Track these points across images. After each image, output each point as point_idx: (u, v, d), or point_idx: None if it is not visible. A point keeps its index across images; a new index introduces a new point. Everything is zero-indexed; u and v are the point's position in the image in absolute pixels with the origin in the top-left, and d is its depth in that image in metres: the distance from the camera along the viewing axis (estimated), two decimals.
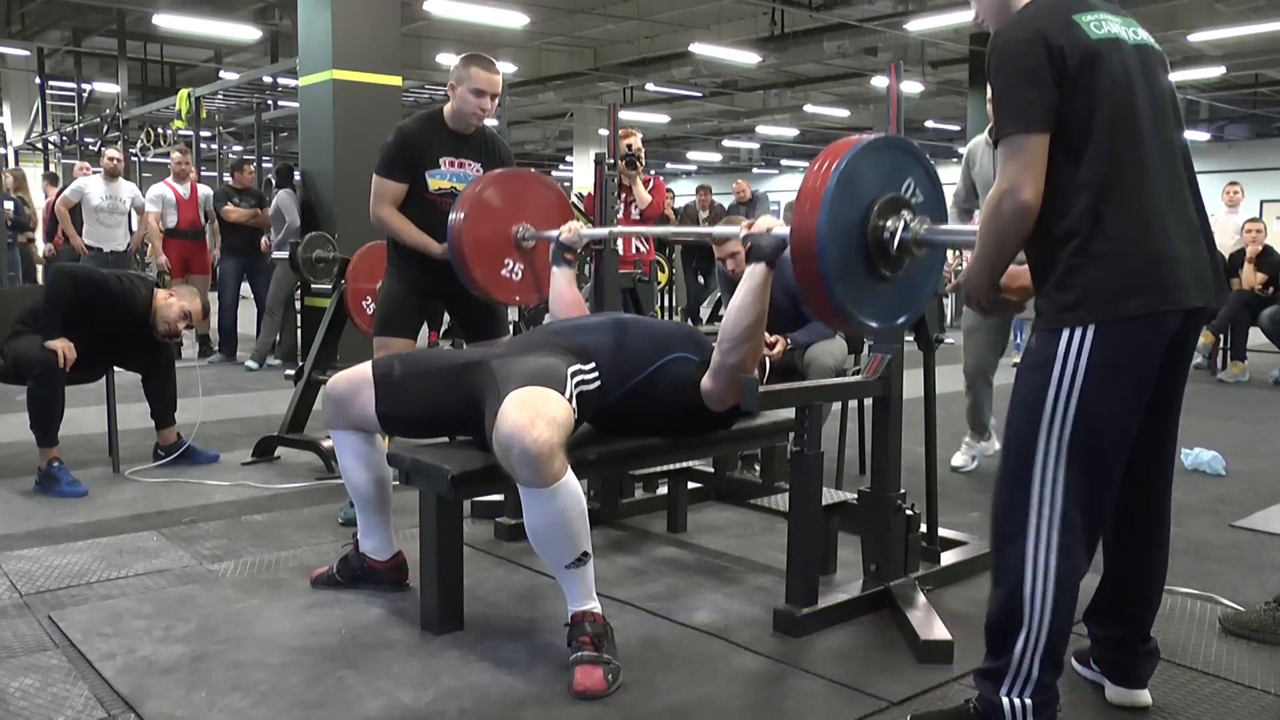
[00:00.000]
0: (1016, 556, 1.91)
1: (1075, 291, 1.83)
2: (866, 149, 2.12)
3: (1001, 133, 1.86)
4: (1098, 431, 1.87)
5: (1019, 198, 1.82)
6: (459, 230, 3.21)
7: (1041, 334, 1.89)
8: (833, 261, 2.05)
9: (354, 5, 6.54)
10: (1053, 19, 1.87)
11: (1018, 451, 1.92)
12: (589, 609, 2.28)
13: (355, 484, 2.71)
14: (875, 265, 2.14)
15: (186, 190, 7.76)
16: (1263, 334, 7.06)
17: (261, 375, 7.18)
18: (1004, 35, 1.89)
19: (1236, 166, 19.49)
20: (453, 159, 3.49)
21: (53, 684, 2.22)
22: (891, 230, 2.11)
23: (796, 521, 2.56)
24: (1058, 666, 1.93)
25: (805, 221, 2.06)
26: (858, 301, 2.14)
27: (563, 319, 2.93)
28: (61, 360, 3.82)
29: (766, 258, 2.38)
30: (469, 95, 3.39)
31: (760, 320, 2.42)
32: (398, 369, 2.61)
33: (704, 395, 2.54)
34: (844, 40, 12.19)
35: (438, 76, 13.36)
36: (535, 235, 3.31)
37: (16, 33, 14.75)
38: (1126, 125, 1.86)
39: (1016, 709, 1.91)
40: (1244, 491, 4.03)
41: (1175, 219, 1.88)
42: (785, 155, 28.35)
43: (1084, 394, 1.84)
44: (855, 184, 2.09)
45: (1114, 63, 1.87)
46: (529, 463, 2.16)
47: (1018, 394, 1.93)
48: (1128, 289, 1.82)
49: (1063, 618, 1.90)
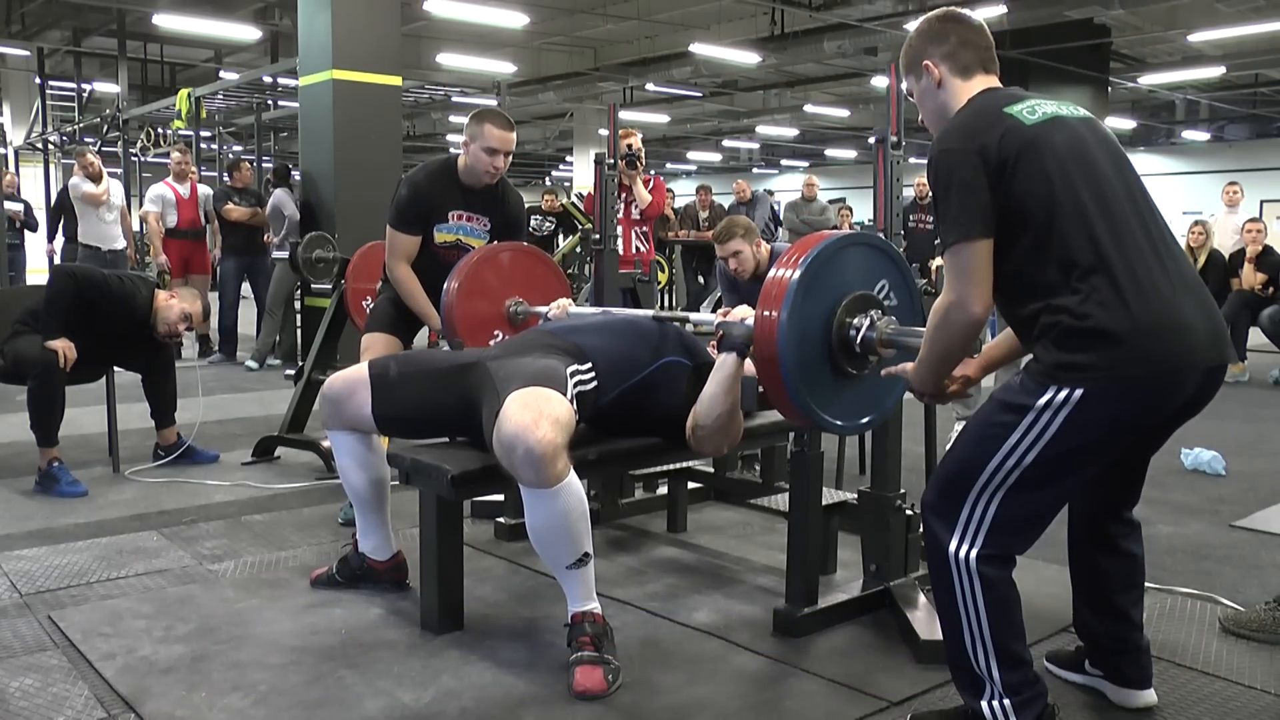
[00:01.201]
0: (941, 564, 1.92)
1: (1075, 355, 1.79)
2: (837, 245, 2.11)
3: (945, 242, 1.85)
4: (1046, 483, 1.86)
5: (969, 310, 1.83)
6: (451, 301, 3.19)
7: (1029, 381, 1.85)
8: (792, 358, 2.05)
9: (354, 5, 6.54)
10: (984, 119, 1.89)
11: (959, 468, 1.92)
12: (589, 609, 2.28)
13: (353, 484, 2.71)
14: (839, 363, 2.14)
15: (186, 190, 7.75)
16: (1263, 334, 7.06)
17: (261, 375, 7.18)
18: (939, 145, 1.90)
19: (1236, 166, 19.52)
20: (462, 212, 3.46)
21: (53, 684, 2.22)
22: (856, 328, 2.11)
23: (796, 521, 2.56)
24: (1019, 663, 1.91)
25: (767, 319, 2.05)
26: (820, 400, 2.14)
27: (557, 322, 2.92)
28: (62, 360, 3.82)
29: (737, 348, 2.35)
30: (482, 154, 3.34)
31: (734, 408, 2.39)
32: (394, 369, 2.61)
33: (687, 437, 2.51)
34: (844, 40, 12.18)
35: (438, 76, 13.40)
36: (527, 311, 3.28)
37: (16, 33, 14.75)
38: (1093, 196, 1.84)
39: (997, 712, 1.91)
40: (1244, 491, 4.03)
41: (1176, 283, 1.83)
42: (785, 155, 28.35)
43: (1047, 448, 1.82)
44: (823, 280, 2.08)
45: (1057, 140, 1.86)
46: (533, 463, 2.16)
47: (983, 419, 1.91)
48: (1132, 360, 1.77)
49: (1002, 617, 1.89)
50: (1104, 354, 1.77)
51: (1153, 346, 1.78)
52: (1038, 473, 1.84)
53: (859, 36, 12.06)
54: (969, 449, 1.92)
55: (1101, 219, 1.82)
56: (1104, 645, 2.16)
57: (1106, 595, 2.13)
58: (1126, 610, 2.13)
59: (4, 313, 4.14)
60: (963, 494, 1.90)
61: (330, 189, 6.61)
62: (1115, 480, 2.09)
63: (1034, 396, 1.82)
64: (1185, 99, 18.50)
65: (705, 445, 2.47)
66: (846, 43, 12.23)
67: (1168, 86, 16.31)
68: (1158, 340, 1.78)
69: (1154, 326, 1.78)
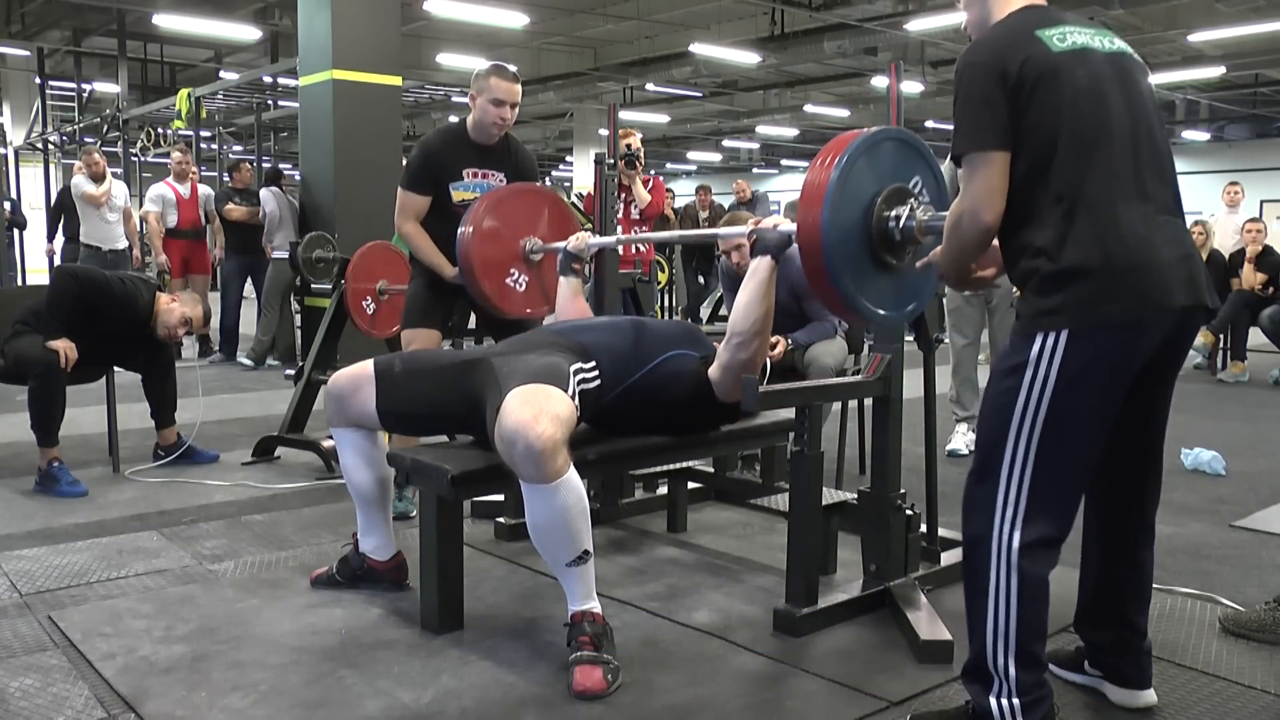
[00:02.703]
0: (981, 557, 1.93)
1: (1051, 299, 1.85)
2: (869, 143, 2.15)
3: (959, 151, 1.89)
4: (1065, 437, 1.88)
5: (981, 220, 1.87)
6: (467, 245, 3.24)
7: (1016, 339, 1.91)
8: (837, 253, 2.08)
9: (354, 5, 6.55)
10: (1012, 39, 1.90)
11: (987, 451, 1.94)
12: (589, 609, 2.28)
13: (356, 482, 2.71)
14: (880, 255, 2.17)
15: (187, 190, 7.76)
16: (1263, 334, 7.06)
17: (261, 375, 7.18)
18: (966, 56, 1.93)
19: (1236, 166, 19.51)
20: (476, 170, 3.52)
21: (53, 684, 2.22)
22: (896, 219, 2.15)
23: (797, 521, 2.56)
24: (1035, 665, 1.93)
25: (810, 215, 2.09)
26: (865, 291, 2.18)
27: (562, 321, 2.94)
28: (63, 360, 3.83)
29: (771, 251, 2.42)
30: (489, 106, 3.41)
31: (768, 314, 2.44)
32: (398, 366, 2.62)
33: (714, 385, 2.55)
34: (844, 40, 12.18)
35: (438, 76, 13.39)
36: (543, 248, 3.35)
37: (16, 33, 14.74)
38: (1096, 133, 1.86)
39: (1005, 710, 1.91)
40: (1244, 491, 4.03)
41: (1155, 223, 1.88)
42: (785, 155, 28.34)
43: (1054, 399, 1.85)
44: (859, 177, 2.12)
45: (1078, 73, 1.88)
46: (532, 459, 2.16)
47: (990, 395, 1.96)
48: (1103, 296, 1.82)
49: (1031, 616, 1.91)
50: (1077, 293, 1.82)
51: (1123, 285, 1.82)
52: (1056, 427, 1.86)
53: (859, 36, 12.06)
54: (988, 428, 1.95)
55: (1095, 157, 1.85)
56: (1106, 647, 2.16)
57: (1115, 603, 2.13)
58: (1133, 619, 2.13)
59: (4, 313, 4.14)
60: (995, 474, 1.91)
61: (330, 189, 6.61)
62: (1135, 466, 2.09)
63: (1025, 351, 1.87)
64: (1185, 99, 18.48)
65: (740, 353, 2.45)
66: (846, 43, 12.23)
67: (1168, 86, 16.29)
68: (1129, 278, 1.82)
69: (1125, 265, 1.82)
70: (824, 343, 3.93)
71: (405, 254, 4.90)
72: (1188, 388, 6.90)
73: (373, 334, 4.70)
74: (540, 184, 3.69)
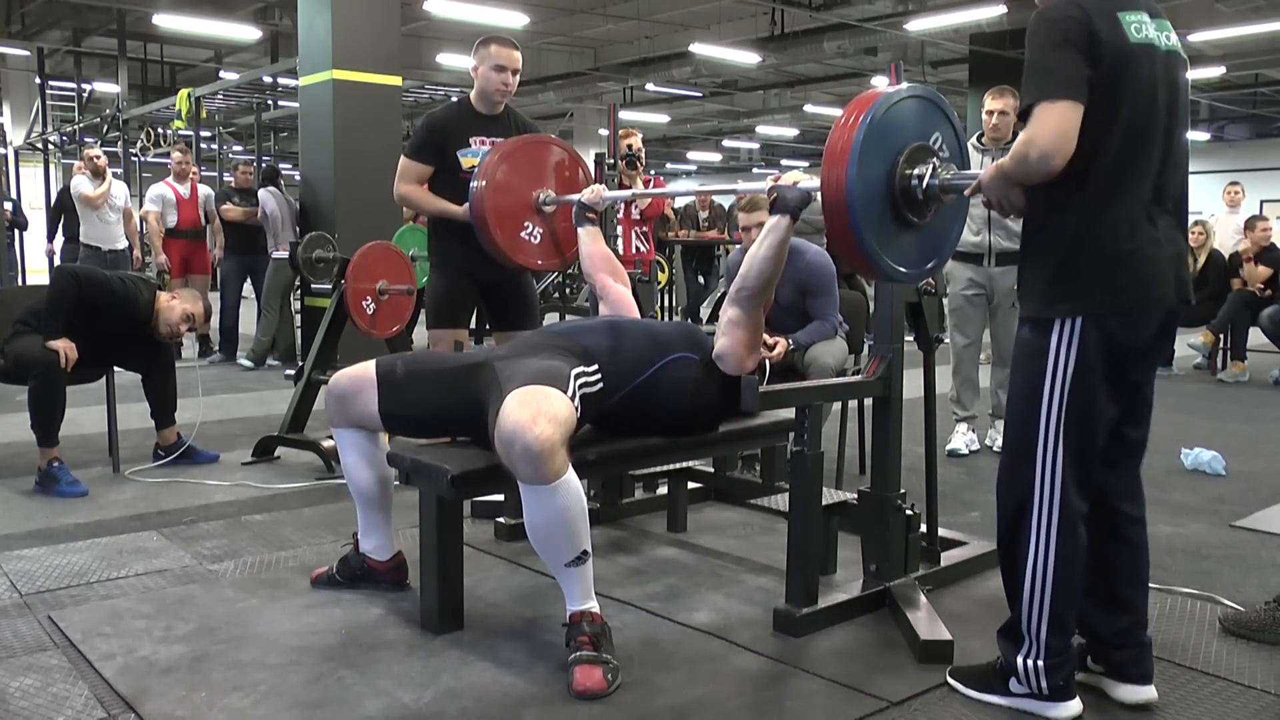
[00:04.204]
0: (1021, 531, 2.07)
1: (1066, 285, 1.99)
2: (893, 100, 2.18)
3: (1041, 97, 1.89)
4: (1087, 414, 2.02)
5: (1051, 162, 1.88)
6: (480, 197, 3.31)
7: (1033, 324, 2.05)
8: (862, 211, 2.12)
9: (354, 5, 6.55)
10: (1103, 8, 1.95)
11: (1020, 432, 2.09)
12: (587, 609, 2.28)
13: (357, 482, 2.71)
14: (903, 212, 2.22)
15: (187, 190, 7.76)
16: (1263, 334, 7.06)
17: (261, 375, 7.18)
18: (1049, 11, 1.96)
19: (1236, 166, 19.49)
20: (483, 138, 3.59)
21: (53, 684, 2.22)
22: (919, 177, 2.19)
23: (797, 521, 2.56)
24: (1065, 631, 2.07)
25: (834, 173, 2.12)
26: (887, 248, 2.22)
27: (565, 323, 2.93)
28: (63, 360, 3.82)
29: (791, 209, 2.46)
30: (491, 73, 3.51)
31: (777, 272, 2.50)
32: (400, 368, 2.62)
33: (720, 359, 2.57)
34: (844, 40, 12.18)
35: (438, 76, 13.39)
36: (556, 200, 3.43)
37: (16, 33, 14.74)
38: (1139, 132, 1.96)
39: (1030, 669, 2.07)
40: (1244, 491, 4.02)
41: (1162, 222, 2.01)
42: (785, 155, 28.34)
43: (1076, 378, 2.00)
44: (882, 135, 2.15)
45: (1143, 71, 1.96)
46: (530, 459, 2.16)
47: (1017, 381, 2.11)
48: (1117, 287, 1.97)
49: (1066, 587, 2.05)
50: (1089, 281, 1.97)
51: (1128, 275, 1.96)
52: (1078, 406, 2.01)
53: (859, 36, 12.06)
54: (1018, 410, 2.09)
55: (1136, 155, 1.96)
56: (1106, 640, 2.17)
57: (1111, 586, 2.16)
58: (1131, 603, 2.16)
59: (5, 313, 4.14)
60: (1030, 453, 2.06)
61: (330, 189, 6.61)
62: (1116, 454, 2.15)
63: (1045, 337, 2.02)
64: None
65: (744, 305, 2.51)
66: (846, 43, 12.23)
67: None
68: (1133, 270, 1.97)
69: (1133, 258, 1.96)
70: (824, 343, 3.93)
71: (405, 254, 4.92)
72: (1188, 388, 6.90)
73: (373, 334, 4.70)
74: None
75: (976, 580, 2.91)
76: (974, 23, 10.70)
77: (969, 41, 12.83)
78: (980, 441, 4.74)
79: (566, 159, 3.55)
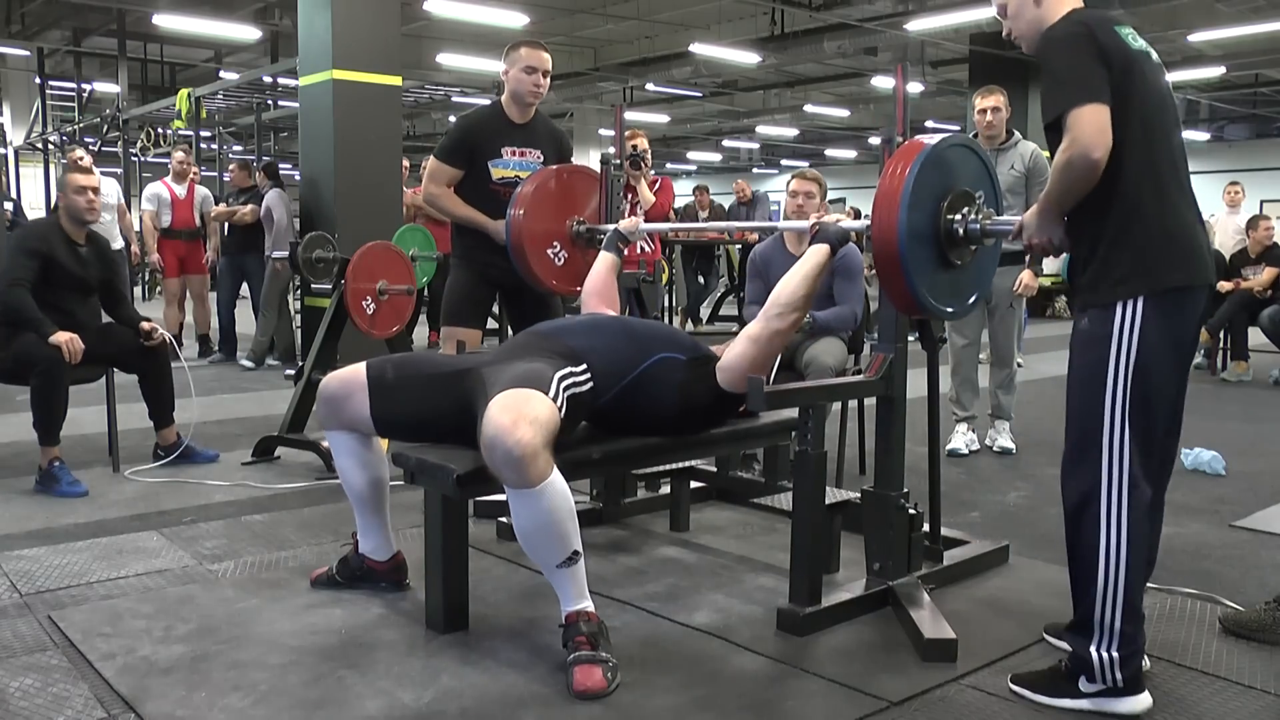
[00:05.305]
0: (1091, 520, 2.09)
1: (1123, 269, 2.06)
2: (940, 149, 2.33)
3: (1071, 104, 1.98)
4: (1150, 394, 2.07)
5: (1091, 157, 1.98)
6: (519, 225, 3.37)
7: (1094, 311, 2.10)
8: (912, 257, 2.28)
9: (354, 5, 6.54)
10: (1103, 24, 2.09)
11: (1084, 421, 2.11)
12: (582, 608, 2.28)
13: (352, 485, 2.71)
14: (947, 255, 2.37)
15: (184, 190, 7.74)
16: (1263, 334, 7.05)
17: (261, 375, 7.18)
18: (1052, 31, 2.10)
19: (1236, 166, 19.47)
20: (515, 148, 3.61)
21: (53, 684, 2.21)
22: (961, 221, 2.35)
23: (800, 520, 2.56)
24: (1138, 618, 2.10)
25: (886, 221, 2.27)
26: (936, 292, 2.38)
27: (549, 324, 2.91)
28: (67, 354, 3.81)
29: (831, 242, 2.64)
30: (522, 75, 3.53)
31: (811, 295, 2.60)
32: (391, 373, 2.61)
33: (722, 370, 2.57)
34: (844, 40, 12.18)
35: (438, 76, 13.40)
36: (591, 229, 3.47)
37: (16, 33, 14.74)
38: (1154, 126, 2.08)
39: (1104, 661, 2.08)
40: (1244, 491, 4.02)
41: (1191, 211, 2.14)
42: (785, 155, 28.33)
43: (1140, 358, 2.05)
44: (927, 183, 2.29)
45: (1148, 72, 2.10)
46: (512, 464, 2.16)
47: (1077, 368, 2.14)
48: (1169, 265, 2.05)
49: (1137, 572, 2.08)
50: (1144, 261, 2.04)
51: (1181, 255, 2.06)
52: (1141, 390, 2.06)
53: (859, 36, 12.06)
54: (1080, 400, 2.12)
55: (1159, 147, 2.09)
56: None
57: None
58: None
59: None
60: (1096, 442, 2.08)
61: (330, 189, 6.60)
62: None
63: (1108, 321, 2.07)
64: (1185, 99, 18.48)
65: (776, 323, 2.55)
66: (846, 43, 12.23)
67: None
68: (1185, 250, 2.07)
69: (1182, 240, 2.08)
70: (824, 343, 3.93)
71: (405, 254, 4.91)
72: (1189, 387, 6.88)
73: (373, 334, 4.70)
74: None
75: (979, 579, 2.91)
76: (974, 23, 10.69)
77: (969, 41, 12.81)
78: (980, 442, 4.74)
79: (596, 187, 3.60)
